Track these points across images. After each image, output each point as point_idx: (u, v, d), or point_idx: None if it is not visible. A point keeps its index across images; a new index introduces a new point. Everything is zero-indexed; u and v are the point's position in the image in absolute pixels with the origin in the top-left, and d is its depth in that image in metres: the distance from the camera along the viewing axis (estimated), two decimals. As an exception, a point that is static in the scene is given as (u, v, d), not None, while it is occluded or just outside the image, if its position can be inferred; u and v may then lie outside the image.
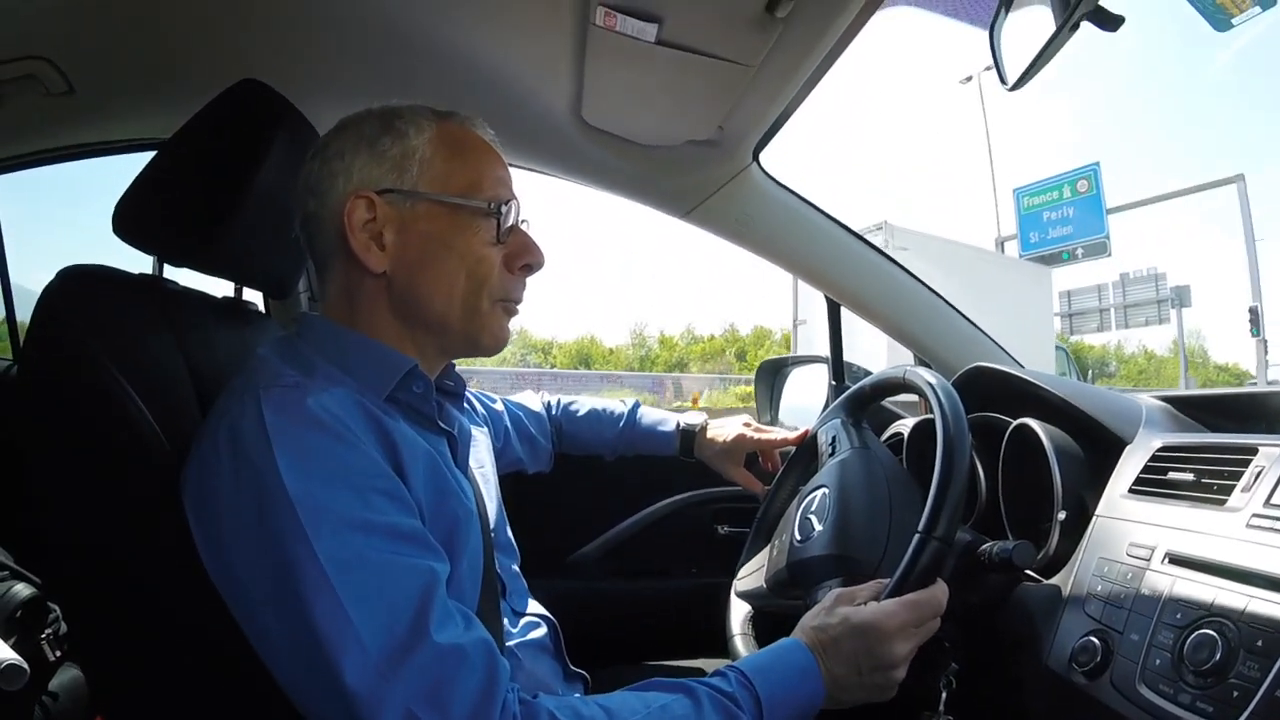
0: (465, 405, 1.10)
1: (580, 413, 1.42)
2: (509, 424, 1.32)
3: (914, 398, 1.10)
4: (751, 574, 1.17)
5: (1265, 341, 11.96)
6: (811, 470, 1.16)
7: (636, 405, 1.44)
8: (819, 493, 1.04)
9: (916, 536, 0.83)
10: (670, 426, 1.39)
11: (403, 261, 0.85)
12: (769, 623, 1.13)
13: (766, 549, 1.15)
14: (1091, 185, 14.65)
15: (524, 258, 0.91)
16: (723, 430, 1.36)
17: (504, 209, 0.87)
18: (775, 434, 1.33)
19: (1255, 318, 11.95)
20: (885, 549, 0.93)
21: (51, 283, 0.82)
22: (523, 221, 0.92)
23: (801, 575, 1.01)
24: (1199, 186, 14.23)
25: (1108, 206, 14.51)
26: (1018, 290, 10.96)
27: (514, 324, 0.94)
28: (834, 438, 1.12)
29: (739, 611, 1.18)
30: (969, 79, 17.74)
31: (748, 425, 1.34)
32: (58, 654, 1.36)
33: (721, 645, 1.14)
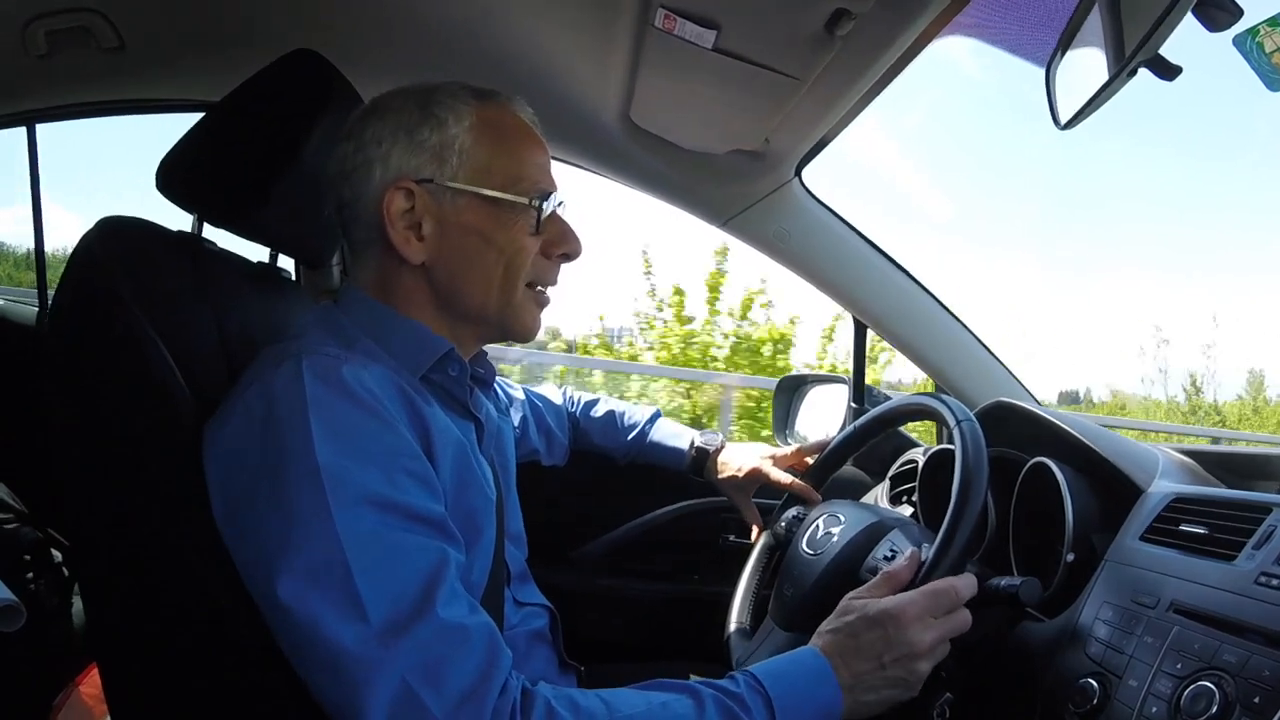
0: (492, 393, 1.11)
1: (597, 414, 1.42)
2: (528, 413, 1.32)
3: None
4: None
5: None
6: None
7: (656, 415, 1.42)
8: (821, 518, 1.07)
9: (941, 535, 0.85)
10: (683, 444, 1.37)
11: (442, 254, 0.85)
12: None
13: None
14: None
15: (562, 246, 0.91)
16: (738, 459, 1.32)
17: (545, 203, 0.87)
18: (791, 479, 1.25)
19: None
20: None
21: (90, 230, 0.82)
22: (560, 205, 0.92)
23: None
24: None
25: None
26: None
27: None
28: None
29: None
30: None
31: (766, 459, 1.30)
32: (57, 600, 1.37)
33: (717, 653, 1.13)
